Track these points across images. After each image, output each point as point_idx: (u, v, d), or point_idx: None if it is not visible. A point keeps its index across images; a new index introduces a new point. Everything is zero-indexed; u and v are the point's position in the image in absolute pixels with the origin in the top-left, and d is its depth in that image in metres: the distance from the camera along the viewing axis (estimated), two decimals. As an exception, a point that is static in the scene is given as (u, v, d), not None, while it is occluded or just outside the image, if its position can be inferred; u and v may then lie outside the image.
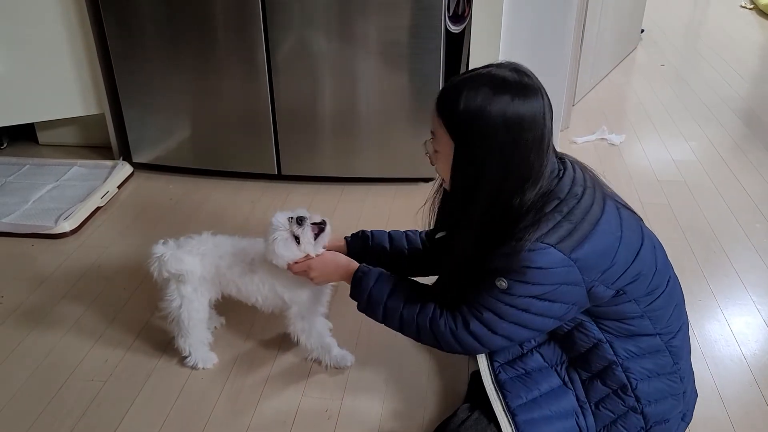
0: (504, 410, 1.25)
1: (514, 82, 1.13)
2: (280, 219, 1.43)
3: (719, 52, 4.28)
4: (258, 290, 1.52)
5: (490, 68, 1.16)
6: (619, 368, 1.23)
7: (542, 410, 1.24)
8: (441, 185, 1.36)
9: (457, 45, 2.45)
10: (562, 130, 2.62)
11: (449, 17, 2.28)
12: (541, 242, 1.11)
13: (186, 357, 1.60)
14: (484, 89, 1.12)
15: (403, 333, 1.35)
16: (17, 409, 1.50)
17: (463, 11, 2.38)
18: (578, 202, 1.15)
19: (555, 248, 1.11)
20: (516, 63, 1.18)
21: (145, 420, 1.47)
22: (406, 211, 2.34)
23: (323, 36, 2.25)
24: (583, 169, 1.25)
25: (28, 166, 2.61)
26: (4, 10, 2.37)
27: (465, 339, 1.24)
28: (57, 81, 2.52)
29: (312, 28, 2.24)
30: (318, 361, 1.60)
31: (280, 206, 2.36)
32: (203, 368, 1.61)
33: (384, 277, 1.37)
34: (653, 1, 4.65)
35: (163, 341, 1.66)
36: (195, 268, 1.51)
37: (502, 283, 1.16)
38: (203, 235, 1.57)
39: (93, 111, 2.62)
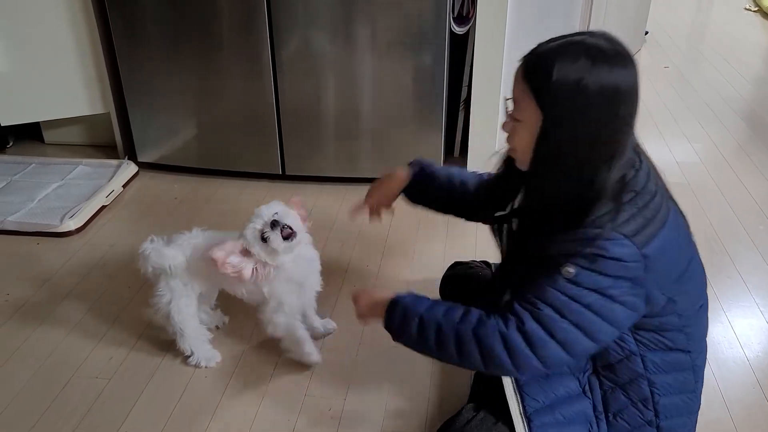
0: (520, 413, 1.22)
1: (611, 51, 1.06)
2: (265, 212, 1.44)
3: (723, 54, 4.27)
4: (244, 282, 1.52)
5: (584, 36, 1.09)
6: (646, 382, 1.19)
7: (555, 415, 1.22)
8: (506, 162, 1.28)
9: (461, 46, 2.46)
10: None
11: (454, 19, 2.28)
12: (618, 232, 1.06)
13: (189, 356, 1.61)
14: (581, 59, 1.04)
15: (441, 354, 1.18)
16: (21, 407, 1.51)
17: (468, 13, 2.38)
18: (651, 199, 1.11)
19: (630, 240, 1.06)
20: (607, 32, 1.10)
21: (148, 418, 1.48)
22: (410, 212, 2.33)
23: (328, 36, 2.26)
24: (653, 166, 1.19)
25: (33, 164, 2.62)
26: (10, 9, 2.38)
27: (515, 342, 1.10)
28: (62, 80, 2.53)
29: (317, 29, 2.25)
30: (287, 351, 1.60)
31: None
32: (206, 366, 1.62)
33: (423, 298, 1.26)
34: (657, 3, 4.65)
35: (166, 339, 1.67)
36: (179, 261, 1.52)
37: (569, 270, 1.07)
38: (193, 230, 1.59)
39: (98, 110, 2.63)
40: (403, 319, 1.21)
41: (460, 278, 1.77)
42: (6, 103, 2.52)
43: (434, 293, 1.83)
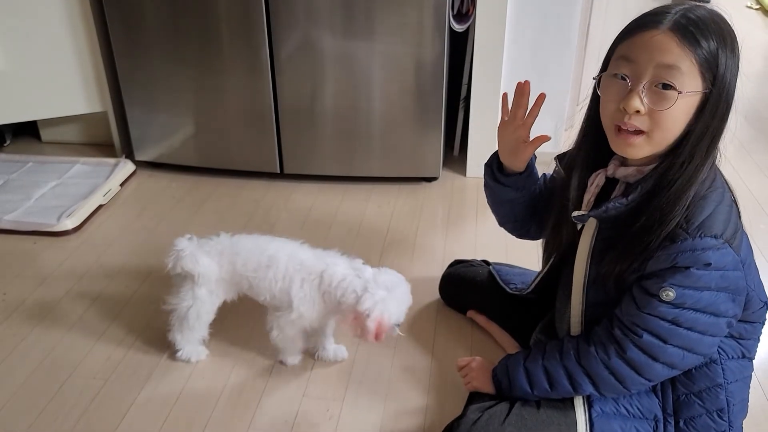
0: (583, 398, 1.19)
1: (730, 27, 1.00)
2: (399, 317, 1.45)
3: (724, 52, 4.26)
4: (269, 287, 1.50)
5: (701, 7, 1.00)
6: (723, 392, 1.15)
7: (618, 406, 1.19)
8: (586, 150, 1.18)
9: (461, 44, 2.45)
10: (566, 129, 2.61)
11: (453, 16, 2.27)
12: (717, 238, 0.99)
13: (177, 351, 1.60)
14: (724, 29, 0.98)
15: (556, 392, 1.19)
16: (19, 407, 1.50)
17: (467, 10, 2.37)
18: (734, 197, 1.07)
19: (731, 247, 1.00)
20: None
21: (146, 419, 1.47)
22: (410, 210, 2.33)
23: (327, 34, 2.24)
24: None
25: (30, 163, 2.61)
26: (8, 7, 2.36)
27: (620, 369, 1.11)
28: (60, 78, 2.52)
29: (316, 27, 2.24)
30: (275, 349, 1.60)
31: (283, 205, 2.36)
32: (196, 361, 1.61)
33: (518, 353, 1.30)
34: (659, 2, 4.63)
35: (165, 340, 1.66)
36: (210, 272, 1.50)
37: (669, 293, 1.01)
38: (221, 235, 1.57)
39: (96, 109, 2.61)
40: (508, 376, 1.26)
41: (460, 277, 1.76)
42: (3, 101, 2.51)
43: (434, 292, 1.82)
